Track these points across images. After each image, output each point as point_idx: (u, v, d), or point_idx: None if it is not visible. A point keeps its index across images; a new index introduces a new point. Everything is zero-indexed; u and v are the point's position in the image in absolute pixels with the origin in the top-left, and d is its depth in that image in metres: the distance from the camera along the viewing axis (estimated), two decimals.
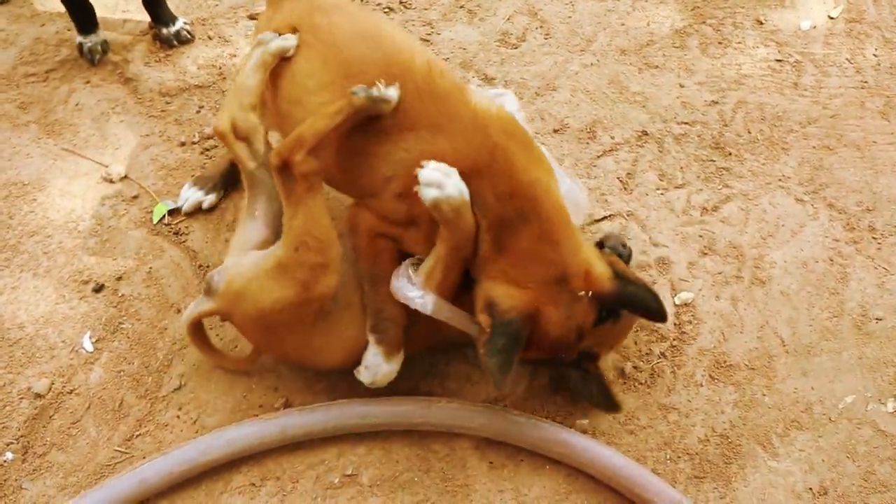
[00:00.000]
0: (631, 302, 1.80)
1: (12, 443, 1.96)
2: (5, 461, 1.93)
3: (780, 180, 2.53)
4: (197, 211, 2.38)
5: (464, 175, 1.69)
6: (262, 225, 2.00)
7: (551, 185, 1.80)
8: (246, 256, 1.88)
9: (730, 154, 2.59)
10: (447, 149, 1.73)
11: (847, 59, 2.91)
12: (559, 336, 1.74)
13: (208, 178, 2.40)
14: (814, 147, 2.63)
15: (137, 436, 1.98)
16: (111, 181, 2.45)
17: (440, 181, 1.64)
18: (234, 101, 1.94)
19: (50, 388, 2.04)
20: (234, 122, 1.93)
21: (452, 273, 1.77)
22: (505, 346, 1.64)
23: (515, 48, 2.87)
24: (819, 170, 2.56)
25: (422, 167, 1.66)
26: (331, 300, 1.82)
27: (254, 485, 1.91)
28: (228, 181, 2.41)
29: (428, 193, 1.64)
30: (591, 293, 1.73)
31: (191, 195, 2.37)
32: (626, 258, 2.04)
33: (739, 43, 2.94)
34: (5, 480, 1.91)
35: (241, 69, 1.96)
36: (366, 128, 1.78)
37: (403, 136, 1.77)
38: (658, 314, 1.81)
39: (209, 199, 2.37)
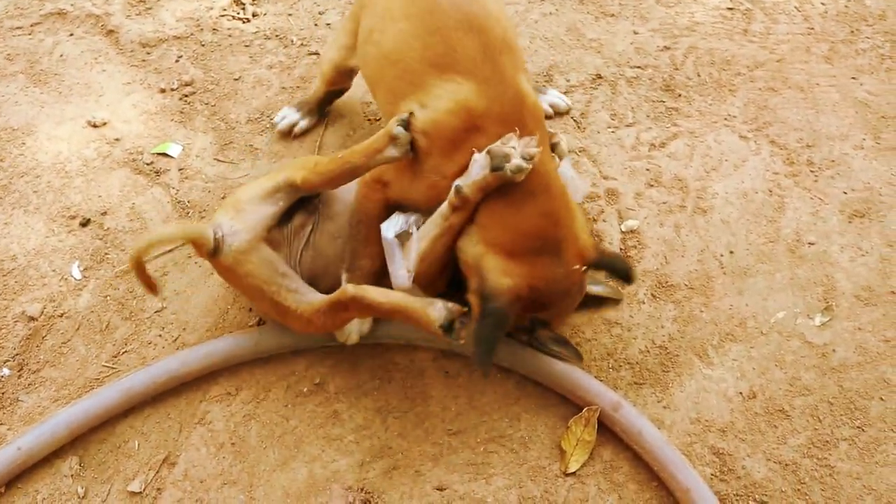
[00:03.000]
0: (610, 268, 1.96)
1: (9, 360, 2.14)
2: (3, 376, 2.11)
3: (725, 119, 2.69)
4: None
5: (492, 130, 1.80)
6: (272, 214, 2.00)
7: (555, 170, 1.93)
8: (255, 252, 1.95)
9: (679, 95, 2.75)
10: (478, 99, 1.82)
11: (795, 7, 3.06)
12: (546, 303, 1.87)
13: (306, 103, 2.61)
14: (759, 89, 2.78)
15: (123, 353, 2.16)
16: (95, 126, 2.61)
17: (514, 158, 1.75)
18: None
19: (42, 312, 2.22)
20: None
21: (450, 245, 1.88)
22: (492, 334, 1.75)
23: None
24: (763, 109, 2.72)
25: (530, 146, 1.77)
26: None
27: (230, 394, 2.09)
28: (324, 109, 2.64)
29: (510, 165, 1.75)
30: (584, 266, 1.88)
31: (288, 115, 2.60)
32: None
33: None
34: (3, 393, 2.09)
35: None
36: (411, 53, 1.90)
37: (445, 76, 1.85)
38: (629, 277, 1.98)
39: (303, 123, 2.60)
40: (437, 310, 1.76)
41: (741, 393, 2.12)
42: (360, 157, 1.88)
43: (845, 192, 2.50)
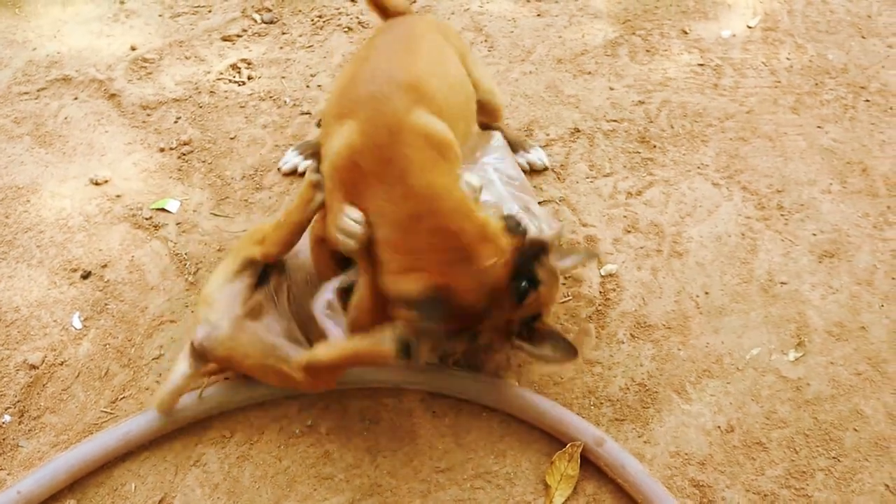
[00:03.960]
0: (528, 256, 1.92)
1: (10, 407, 2.21)
2: (3, 423, 2.18)
3: (698, 168, 2.82)
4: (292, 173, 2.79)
5: (367, 166, 1.86)
6: (241, 291, 2.11)
7: (449, 185, 1.90)
8: (241, 332, 2.04)
9: (654, 146, 2.89)
10: (357, 136, 1.88)
11: (763, 62, 3.23)
12: (473, 302, 1.84)
13: (309, 146, 2.78)
14: (730, 139, 2.93)
15: (121, 399, 2.23)
16: (97, 183, 2.73)
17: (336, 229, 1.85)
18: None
19: (43, 361, 2.30)
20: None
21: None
22: (426, 326, 1.79)
23: None
24: (735, 158, 2.86)
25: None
26: None
27: (224, 436, 2.16)
28: None
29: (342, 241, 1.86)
30: (500, 261, 1.85)
31: (290, 158, 2.77)
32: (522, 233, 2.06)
33: (665, 51, 3.27)
34: (3, 439, 2.15)
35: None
36: (332, 110, 2.04)
37: (341, 122, 1.96)
38: (548, 251, 1.97)
39: (303, 165, 2.76)
40: (387, 340, 1.81)
41: (719, 427, 2.19)
42: (297, 213, 2.03)
43: (815, 234, 2.61)
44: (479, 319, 1.92)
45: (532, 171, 2.76)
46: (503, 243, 1.89)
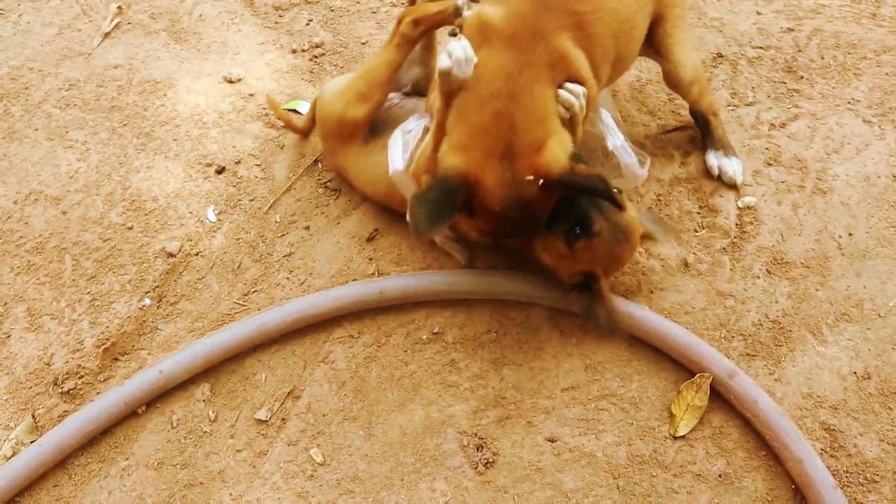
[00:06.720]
0: (575, 188, 1.82)
1: (149, 292, 2.30)
2: (144, 306, 2.27)
3: (849, 103, 2.65)
4: None
5: (497, 46, 1.86)
6: None
7: (544, 93, 1.88)
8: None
9: (801, 77, 2.72)
10: (499, 20, 1.88)
11: None
12: (498, 208, 1.82)
13: None
14: (886, 74, 2.73)
15: (253, 292, 2.29)
16: (231, 81, 2.75)
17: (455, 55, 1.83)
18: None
19: (180, 250, 2.37)
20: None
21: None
22: (435, 198, 1.77)
23: None
24: (890, 95, 2.67)
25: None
26: (363, 131, 2.28)
27: (352, 336, 2.20)
28: None
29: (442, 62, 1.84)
30: (539, 180, 1.81)
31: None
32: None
33: None
34: (144, 321, 2.25)
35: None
36: None
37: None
38: (611, 200, 1.82)
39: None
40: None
41: (855, 372, 2.10)
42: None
43: None
44: (503, 230, 1.90)
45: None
46: (551, 160, 1.81)
